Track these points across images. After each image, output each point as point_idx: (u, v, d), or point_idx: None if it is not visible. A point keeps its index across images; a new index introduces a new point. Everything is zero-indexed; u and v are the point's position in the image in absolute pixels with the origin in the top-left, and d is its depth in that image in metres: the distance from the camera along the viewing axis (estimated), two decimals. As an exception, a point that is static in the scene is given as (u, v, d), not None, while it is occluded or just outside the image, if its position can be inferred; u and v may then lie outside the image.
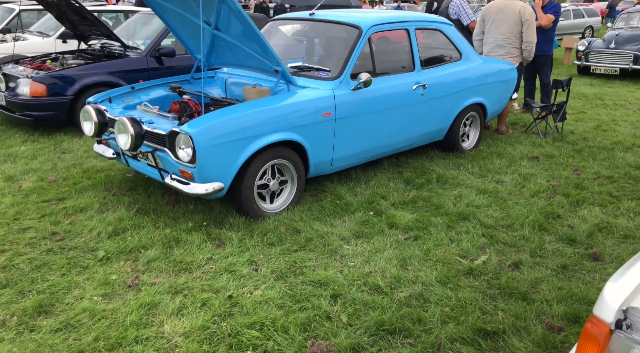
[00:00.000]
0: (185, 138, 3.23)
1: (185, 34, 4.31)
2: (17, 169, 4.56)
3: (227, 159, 3.33)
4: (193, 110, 3.81)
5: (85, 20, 6.15)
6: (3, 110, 5.79)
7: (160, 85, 4.40)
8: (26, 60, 6.39)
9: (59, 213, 3.65)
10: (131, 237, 3.28)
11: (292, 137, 3.62)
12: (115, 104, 4.03)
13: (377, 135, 4.24)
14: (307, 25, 4.99)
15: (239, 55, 4.04)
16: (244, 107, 3.48)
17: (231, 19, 3.60)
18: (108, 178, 4.35)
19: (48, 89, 5.50)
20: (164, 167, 3.53)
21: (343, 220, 3.55)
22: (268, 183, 3.65)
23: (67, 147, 5.28)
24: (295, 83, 3.86)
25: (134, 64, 6.07)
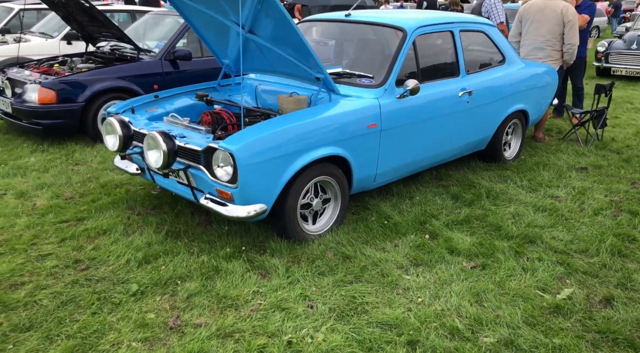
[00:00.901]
0: (224, 155, 2.89)
1: (212, 37, 3.97)
2: (29, 184, 4.21)
3: (271, 178, 3.00)
4: (227, 123, 3.47)
5: (95, 21, 5.78)
6: (9, 117, 5.43)
7: (186, 93, 4.05)
8: (32, 64, 6.02)
9: (80, 237, 3.30)
10: (164, 265, 2.95)
11: (337, 151, 3.29)
12: (138, 114, 3.69)
13: (421, 147, 3.92)
14: (337, 27, 4.65)
15: (274, 61, 3.70)
16: (287, 120, 3.14)
17: (269, 20, 3.26)
18: (129, 194, 4.00)
19: (58, 96, 5.14)
20: (197, 185, 3.19)
21: (394, 243, 3.22)
22: (311, 202, 3.31)
23: (79, 158, 4.93)
24: (338, 92, 3.53)
25: (147, 67, 5.71)
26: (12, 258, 3.00)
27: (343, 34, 4.59)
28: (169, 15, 6.88)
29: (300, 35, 3.16)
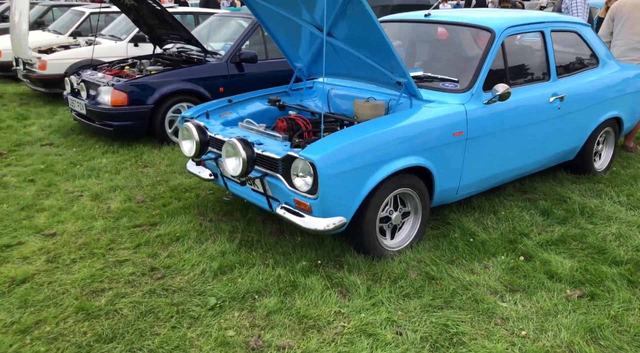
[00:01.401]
0: (304, 165, 2.75)
1: (285, 40, 3.85)
2: (103, 186, 4.25)
3: (351, 189, 2.82)
4: (303, 130, 3.33)
5: (164, 23, 5.83)
6: (82, 118, 5.56)
7: (258, 97, 3.96)
8: (104, 66, 6.16)
9: (154, 243, 3.26)
10: (240, 277, 2.84)
11: (421, 161, 3.07)
12: (212, 119, 3.62)
13: (508, 157, 3.63)
14: (410, 27, 4.42)
15: (351, 64, 3.52)
16: (368, 128, 2.96)
17: (352, 22, 3.08)
18: (199, 199, 3.95)
19: (129, 98, 5.20)
20: (273, 194, 3.07)
21: (484, 264, 2.97)
22: (390, 215, 3.11)
23: (148, 160, 4.96)
24: (421, 97, 3.31)
25: (214, 70, 5.70)
26: (92, 263, 2.99)
27: (419, 34, 4.36)
28: (233, 17, 6.88)
29: (385, 37, 2.97)
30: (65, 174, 4.52)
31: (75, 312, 2.50)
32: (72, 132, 5.90)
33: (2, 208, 3.75)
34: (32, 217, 3.64)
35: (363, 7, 2.85)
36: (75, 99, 5.61)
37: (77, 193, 4.09)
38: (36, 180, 4.36)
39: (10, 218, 3.60)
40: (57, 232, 3.40)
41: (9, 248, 3.18)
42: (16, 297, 2.61)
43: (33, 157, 4.98)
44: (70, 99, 5.72)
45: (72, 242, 3.26)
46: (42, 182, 4.31)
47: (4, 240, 3.26)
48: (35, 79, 7.40)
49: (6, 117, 6.56)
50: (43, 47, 8.00)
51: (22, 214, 3.67)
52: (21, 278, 2.78)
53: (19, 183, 4.27)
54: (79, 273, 2.86)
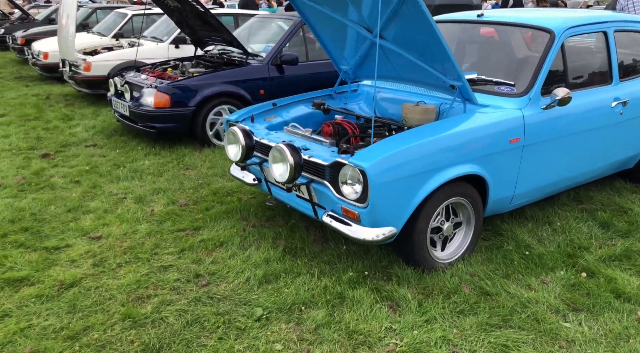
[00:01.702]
0: (354, 172, 2.65)
1: (331, 42, 3.76)
2: (146, 188, 4.27)
3: (403, 199, 2.70)
4: (350, 135, 3.23)
5: (207, 25, 5.84)
6: (125, 120, 5.63)
7: (302, 101, 3.88)
8: (147, 68, 6.23)
9: (198, 248, 3.23)
10: (286, 287, 2.76)
11: (475, 169, 2.92)
12: (257, 122, 3.56)
13: (565, 165, 3.43)
14: (459, 28, 4.25)
15: (400, 67, 3.40)
16: (421, 134, 2.83)
17: (406, 23, 2.96)
18: (242, 203, 3.90)
19: (172, 100, 5.22)
20: (319, 201, 2.98)
21: (541, 279, 2.79)
22: (441, 226, 2.98)
23: (189, 163, 4.96)
24: (476, 101, 3.15)
25: (255, 72, 5.67)
26: (137, 267, 2.98)
27: (469, 36, 4.19)
28: (274, 19, 6.84)
29: (441, 39, 2.83)
30: (109, 176, 4.56)
31: (122, 319, 2.48)
32: (115, 133, 5.98)
33: (50, 210, 3.81)
34: (78, 219, 3.67)
35: (419, 7, 2.73)
36: (118, 101, 5.69)
37: (121, 196, 4.12)
38: (81, 181, 4.42)
39: (58, 220, 3.64)
40: (103, 235, 3.41)
41: (57, 250, 3.20)
42: (65, 302, 2.62)
43: (78, 158, 5.06)
44: (114, 101, 5.80)
45: (118, 246, 3.26)
46: (87, 183, 4.36)
47: (53, 242, 3.29)
48: (79, 80, 7.57)
49: (53, 118, 6.73)
50: (88, 49, 8.18)
51: (69, 216, 3.71)
52: (69, 282, 2.79)
53: (66, 185, 4.33)
54: (125, 278, 2.85)
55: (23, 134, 5.92)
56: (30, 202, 3.93)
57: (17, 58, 12.01)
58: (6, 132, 5.99)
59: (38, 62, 9.34)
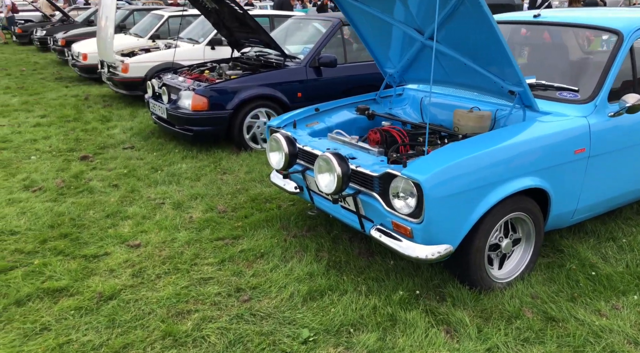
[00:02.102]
0: (407, 184, 2.47)
1: (377, 44, 3.58)
2: (184, 193, 4.19)
3: (461, 214, 2.50)
4: (399, 143, 3.05)
5: (245, 27, 5.74)
6: (162, 122, 5.58)
7: (345, 106, 3.72)
8: (184, 70, 6.18)
9: (238, 259, 3.11)
10: (332, 306, 2.60)
11: (538, 183, 2.70)
12: (299, 128, 3.42)
13: (633, 177, 3.16)
14: (508, 29, 4.00)
15: (453, 71, 3.19)
16: (479, 144, 2.62)
17: (464, 25, 2.76)
18: (281, 211, 3.77)
19: (209, 103, 5.14)
20: (367, 214, 2.81)
21: (612, 304, 2.55)
22: (500, 243, 2.76)
23: (227, 167, 4.87)
24: (537, 108, 2.92)
25: (292, 74, 5.54)
26: (177, 279, 2.87)
27: (524, 37, 3.94)
28: (311, 20, 6.70)
29: (502, 42, 2.62)
30: (147, 180, 4.51)
31: (162, 337, 2.37)
32: (151, 136, 5.96)
33: (89, 215, 3.76)
34: (116, 225, 3.61)
35: (480, 7, 2.52)
36: (156, 103, 5.65)
37: (159, 201, 4.04)
38: (120, 185, 4.38)
39: (97, 225, 3.59)
40: (142, 243, 3.33)
41: (96, 259, 3.14)
42: (104, 316, 2.53)
43: (116, 161, 5.04)
44: (152, 103, 5.77)
45: (156, 255, 3.17)
46: (125, 187, 4.31)
47: (92, 249, 3.23)
48: (117, 81, 7.62)
49: (91, 119, 6.77)
50: (125, 50, 8.24)
51: (108, 222, 3.65)
52: (108, 294, 2.71)
53: (104, 189, 4.30)
54: (164, 291, 2.75)
55: (63, 135, 5.96)
56: (69, 207, 3.89)
57: (57, 59, 12.27)
58: (47, 133, 6.04)
59: (77, 63, 9.48)
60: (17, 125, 6.44)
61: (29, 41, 16.37)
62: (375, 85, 5.86)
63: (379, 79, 5.99)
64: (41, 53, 14.13)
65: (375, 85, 5.83)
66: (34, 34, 15.16)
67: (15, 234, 3.44)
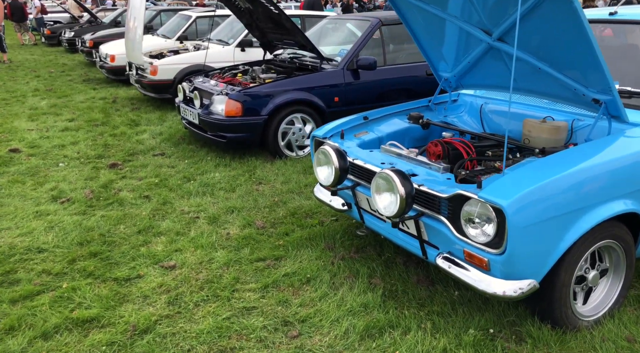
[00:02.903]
0: (484, 209, 2.13)
1: (433, 46, 3.25)
2: (219, 206, 3.92)
3: (547, 245, 2.16)
4: (466, 158, 2.71)
5: (280, 27, 5.46)
6: (194, 128, 5.34)
7: (395, 113, 3.39)
8: (215, 73, 5.94)
9: (282, 285, 2.82)
10: (395, 346, 2.28)
11: (630, 206, 2.33)
12: (347, 139, 3.11)
13: None
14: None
15: (523, 76, 2.84)
16: (564, 161, 2.26)
17: (545, 25, 2.41)
18: (324, 228, 3.47)
19: (243, 108, 4.87)
20: (430, 239, 2.48)
21: None
22: (586, 274, 2.40)
23: (262, 176, 4.59)
24: (626, 119, 2.55)
25: (329, 78, 5.23)
26: (217, 309, 2.60)
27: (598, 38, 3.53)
28: (347, 21, 6.39)
29: (593, 43, 2.26)
30: (179, 190, 4.26)
31: (205, 382, 2.09)
32: (182, 142, 5.73)
33: (120, 231, 3.53)
34: (149, 242, 3.36)
35: (571, 3, 2.17)
36: (187, 107, 5.42)
37: (194, 215, 3.78)
38: (151, 196, 4.14)
39: (129, 243, 3.34)
40: (177, 263, 3.07)
41: (128, 282, 2.88)
42: (139, 354, 2.27)
43: (147, 169, 4.81)
44: (183, 107, 5.54)
45: (193, 278, 2.90)
46: (157, 199, 4.07)
47: (124, 271, 2.98)
48: (146, 83, 7.43)
49: (120, 123, 6.59)
50: (153, 52, 8.06)
51: (140, 239, 3.40)
52: (143, 326, 2.44)
53: (135, 200, 4.06)
54: (204, 323, 2.47)
55: (91, 141, 5.78)
56: (99, 221, 3.66)
57: (85, 60, 12.24)
58: (75, 138, 5.87)
59: (105, 65, 9.37)
60: (46, 129, 6.30)
61: (57, 42, 16.46)
62: (415, 90, 5.54)
63: (419, 83, 5.67)
64: (69, 54, 14.16)
65: (415, 90, 5.51)
66: (62, 35, 15.22)
67: (43, 252, 3.22)
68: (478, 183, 2.23)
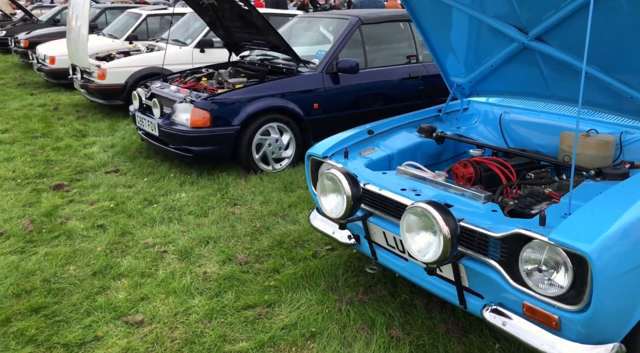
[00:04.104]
0: (556, 254, 1.68)
1: (447, 46, 2.79)
2: (190, 236, 3.30)
3: (632, 298, 1.72)
4: (505, 182, 2.25)
5: (249, 26, 4.87)
6: (153, 140, 4.66)
7: (403, 125, 2.91)
8: (176, 77, 5.27)
9: (281, 343, 2.26)
10: None
11: None
12: (351, 157, 2.59)
13: None
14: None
15: (559, 82, 2.43)
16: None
17: (602, 20, 1.99)
18: (321, 261, 2.93)
19: (212, 117, 4.26)
20: (472, 286, 2.01)
21: None
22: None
23: (236, 195, 3.99)
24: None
25: (307, 83, 4.70)
26: (203, 387, 2.01)
27: None
28: (321, 19, 5.89)
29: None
30: (140, 216, 3.60)
31: None
32: (139, 155, 5.02)
33: (69, 273, 2.85)
34: (108, 288, 2.71)
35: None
36: (144, 117, 4.73)
37: (160, 249, 3.15)
38: (106, 226, 3.45)
39: (82, 290, 2.67)
40: (145, 318, 2.44)
41: (83, 348, 2.24)
42: None
43: (99, 191, 4.10)
44: (139, 117, 4.84)
45: (168, 338, 2.30)
46: (114, 229, 3.39)
47: (76, 332, 2.33)
48: (93, 89, 6.62)
49: (64, 134, 5.78)
50: (101, 54, 7.23)
51: (95, 284, 2.74)
52: None
53: (87, 231, 3.37)
54: (190, 408, 1.88)
55: (30, 157, 4.97)
56: (41, 261, 2.96)
57: (20, 62, 11.08)
58: (9, 154, 5.03)
59: (44, 68, 8.40)
60: (-27, 143, 5.40)
61: (-13, 43, 14.97)
62: (399, 94, 5.10)
63: (404, 86, 5.25)
64: (1, 55, 12.84)
65: (399, 94, 5.07)
66: (-7, 34, 13.82)
67: (-34, 309, 2.51)
68: (541, 219, 1.77)
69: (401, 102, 5.09)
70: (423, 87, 5.18)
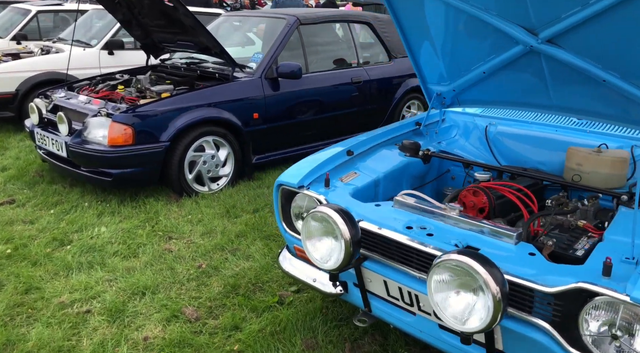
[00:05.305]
0: (634, 315, 1.32)
1: (430, 51, 2.41)
2: (119, 286, 2.62)
3: None
4: (525, 214, 1.89)
5: (174, 25, 4.18)
6: (59, 162, 3.83)
7: (381, 143, 2.48)
8: (84, 85, 4.43)
9: None
10: None
11: None
12: (332, 185, 2.11)
13: None
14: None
15: (564, 90, 2.13)
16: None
17: (628, 22, 1.69)
18: (289, 311, 2.41)
19: (135, 134, 3.55)
20: (506, 349, 1.61)
21: None
22: None
23: (170, 227, 3.34)
24: None
25: (245, 90, 4.13)
26: None
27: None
28: (249, 18, 5.35)
29: None
30: (50, 264, 2.83)
31: None
32: (40, 180, 4.13)
33: (-51, 362, 2.06)
34: (10, 379, 1.98)
35: None
36: (47, 134, 3.88)
37: (82, 308, 2.44)
38: (4, 282, 2.65)
39: (-31, 390, 1.92)
40: None
41: None
42: None
43: (-11, 230, 3.23)
44: (40, 134, 3.97)
45: None
46: (15, 285, 2.61)
47: None
48: (-26, 99, 5.49)
49: (-64, 156, 4.67)
50: (-18, 57, 6.07)
51: (-9, 375, 2.00)
52: None
53: (-26, 291, 2.55)
54: None
55: None
56: None
57: None
58: None
59: None
60: None
61: None
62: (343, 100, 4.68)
63: (347, 91, 4.84)
64: None
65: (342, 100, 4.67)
66: None
67: None
68: (605, 268, 1.41)
69: (346, 108, 4.70)
70: (367, 92, 4.84)
